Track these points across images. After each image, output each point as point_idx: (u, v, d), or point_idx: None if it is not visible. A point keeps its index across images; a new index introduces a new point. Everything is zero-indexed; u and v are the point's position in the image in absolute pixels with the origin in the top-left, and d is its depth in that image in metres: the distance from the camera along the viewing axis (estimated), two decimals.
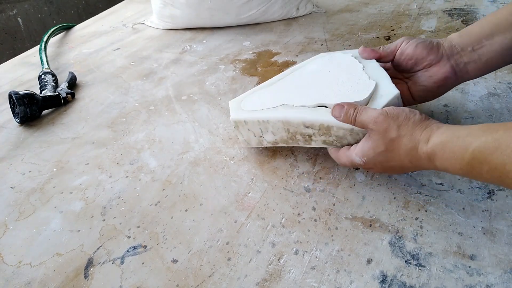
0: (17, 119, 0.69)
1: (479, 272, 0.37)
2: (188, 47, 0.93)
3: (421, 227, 0.42)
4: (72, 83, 0.79)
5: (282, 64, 0.79)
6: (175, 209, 0.49)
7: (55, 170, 0.57)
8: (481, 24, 0.47)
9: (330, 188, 0.49)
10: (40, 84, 0.77)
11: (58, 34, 1.09)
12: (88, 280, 0.41)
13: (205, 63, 0.84)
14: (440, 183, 0.47)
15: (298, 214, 0.46)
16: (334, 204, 0.46)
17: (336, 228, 0.44)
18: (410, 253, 0.40)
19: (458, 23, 0.86)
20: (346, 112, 0.43)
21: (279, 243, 0.43)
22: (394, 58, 0.51)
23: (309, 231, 0.44)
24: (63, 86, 0.76)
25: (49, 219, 0.49)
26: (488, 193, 0.45)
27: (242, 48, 0.89)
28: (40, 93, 0.74)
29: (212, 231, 0.45)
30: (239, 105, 0.53)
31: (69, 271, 0.42)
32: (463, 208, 0.44)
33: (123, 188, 0.53)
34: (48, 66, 0.84)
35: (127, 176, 0.55)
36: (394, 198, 0.46)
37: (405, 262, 0.39)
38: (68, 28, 1.12)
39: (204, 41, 0.95)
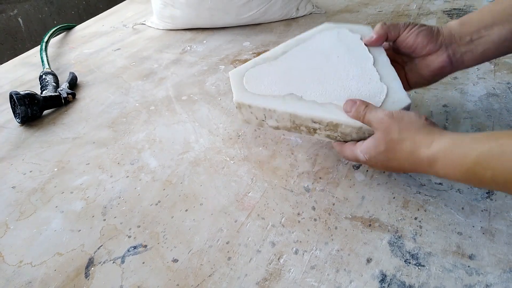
0: (18, 119, 0.69)
1: (478, 271, 0.38)
2: (188, 48, 0.93)
3: (420, 227, 0.43)
4: (73, 83, 0.80)
5: None
6: (175, 208, 0.49)
7: (56, 170, 0.58)
8: (481, 14, 0.47)
9: (330, 188, 0.49)
10: (40, 84, 0.78)
11: (58, 35, 1.09)
12: (88, 279, 0.41)
13: (205, 64, 0.84)
14: (440, 183, 0.47)
15: (298, 214, 0.46)
16: (333, 204, 0.47)
17: (336, 227, 0.44)
18: (409, 252, 0.40)
19: None
20: (357, 108, 0.44)
21: (279, 243, 0.43)
22: (396, 41, 0.50)
23: (309, 230, 0.44)
24: (64, 86, 0.76)
25: (50, 219, 0.49)
26: (487, 193, 0.45)
27: (242, 49, 0.89)
28: (41, 93, 0.74)
29: (212, 230, 0.45)
30: (241, 81, 0.52)
31: (69, 271, 0.42)
32: (463, 208, 0.44)
33: (124, 188, 0.53)
34: (49, 66, 0.85)
35: (128, 176, 0.55)
36: (394, 198, 0.46)
37: (404, 261, 0.39)
38: (69, 28, 1.13)
39: (204, 41, 0.96)
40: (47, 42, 0.96)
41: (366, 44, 0.51)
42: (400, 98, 0.46)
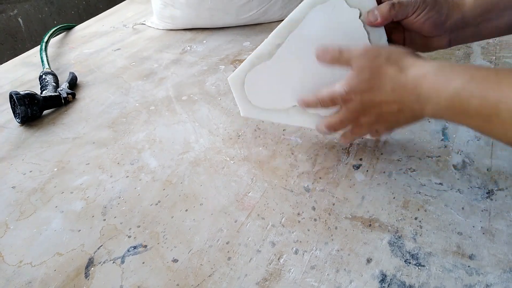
0: (18, 119, 0.69)
1: (479, 271, 0.38)
2: (188, 48, 0.93)
3: (420, 227, 0.43)
4: (73, 83, 0.79)
5: None
6: (175, 208, 0.49)
7: (55, 170, 0.58)
8: None
9: (330, 188, 0.49)
10: (40, 84, 0.78)
11: (58, 35, 1.09)
12: (88, 279, 0.41)
13: (205, 64, 0.84)
14: (440, 183, 0.47)
15: (298, 214, 0.46)
16: (333, 204, 0.46)
17: (336, 227, 0.44)
18: (409, 252, 0.40)
19: None
20: (331, 52, 0.43)
21: (279, 243, 0.43)
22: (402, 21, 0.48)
23: (309, 230, 0.44)
24: (64, 86, 0.76)
25: (50, 219, 0.49)
26: (487, 193, 0.45)
27: (242, 49, 0.89)
28: (41, 93, 0.74)
29: (212, 230, 0.45)
30: (243, 90, 0.53)
31: (69, 271, 0.42)
32: (463, 208, 0.44)
33: (124, 188, 0.53)
34: (49, 66, 0.84)
35: (128, 176, 0.55)
36: (394, 197, 0.46)
37: (404, 261, 0.39)
38: (69, 28, 1.13)
39: (204, 41, 0.96)
40: (47, 42, 0.96)
41: (366, 23, 0.47)
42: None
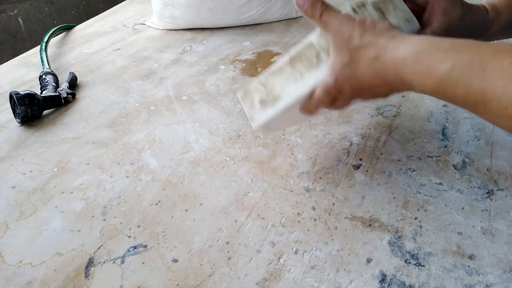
0: (18, 119, 0.69)
1: (479, 271, 0.38)
2: (188, 48, 0.93)
3: (420, 227, 0.43)
4: (73, 83, 0.79)
5: None
6: (175, 208, 0.49)
7: (55, 170, 0.58)
8: None
9: (330, 188, 0.49)
10: (40, 84, 0.78)
11: (58, 35, 1.09)
12: (88, 279, 0.41)
13: (205, 64, 0.84)
14: (440, 183, 0.47)
15: (298, 214, 0.46)
16: (333, 204, 0.46)
17: (336, 227, 0.44)
18: (409, 252, 0.40)
19: None
20: (312, 2, 0.38)
21: (279, 243, 0.43)
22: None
23: (309, 230, 0.44)
24: (64, 86, 0.76)
25: (49, 219, 0.49)
26: (487, 192, 0.45)
27: (242, 49, 0.89)
28: (41, 93, 0.74)
29: (212, 230, 0.45)
30: (265, 125, 0.47)
31: (69, 271, 0.42)
32: (463, 208, 0.44)
33: (124, 188, 0.53)
34: (49, 66, 0.84)
35: (128, 176, 0.55)
36: (394, 198, 0.46)
37: (404, 261, 0.39)
38: (69, 28, 1.13)
39: (204, 41, 0.96)
40: (47, 42, 0.96)
41: None
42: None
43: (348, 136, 0.57)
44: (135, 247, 0.44)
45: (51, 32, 1.02)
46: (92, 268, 0.42)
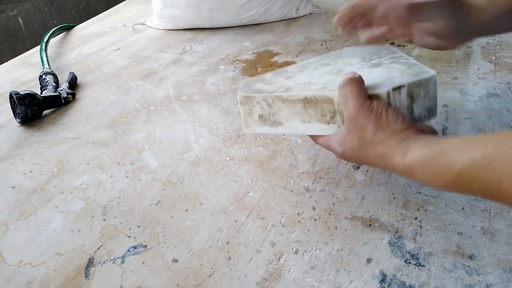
0: (18, 119, 0.69)
1: (479, 271, 0.38)
2: (188, 48, 0.93)
3: (420, 227, 0.43)
4: (73, 83, 0.80)
5: (282, 64, 0.80)
6: (175, 208, 0.49)
7: (55, 170, 0.58)
8: None
9: (330, 188, 0.49)
10: (40, 84, 0.78)
11: (58, 35, 1.09)
12: (88, 279, 0.41)
13: (205, 64, 0.84)
14: None
15: (298, 214, 0.46)
16: (333, 204, 0.46)
17: (336, 227, 0.44)
18: (409, 252, 0.40)
19: None
20: (347, 76, 0.39)
21: (279, 243, 0.43)
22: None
23: (309, 230, 0.44)
24: (64, 86, 0.76)
25: (49, 219, 0.49)
26: None
27: (242, 49, 0.89)
28: (41, 93, 0.74)
29: (212, 230, 0.45)
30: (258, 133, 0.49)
31: (69, 271, 0.42)
32: (463, 208, 0.44)
33: (124, 188, 0.53)
34: (49, 66, 0.85)
35: (128, 176, 0.55)
36: (394, 197, 0.46)
37: (404, 261, 0.39)
38: (69, 28, 1.13)
39: (204, 41, 0.96)
40: (47, 42, 0.96)
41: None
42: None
43: None
44: (135, 247, 0.44)
45: (51, 32, 1.02)
46: (92, 268, 0.42)
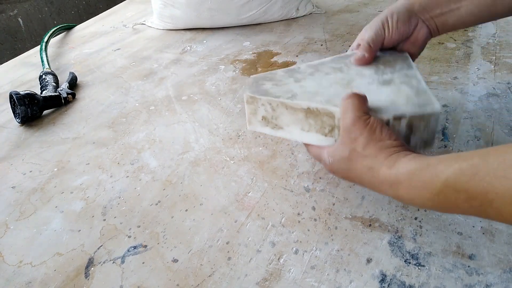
0: (18, 119, 0.69)
1: (479, 271, 0.38)
2: (188, 48, 0.93)
3: (420, 227, 0.43)
4: (73, 83, 0.80)
5: (282, 64, 0.80)
6: (175, 208, 0.49)
7: (55, 170, 0.58)
8: None
9: (330, 188, 0.49)
10: (40, 84, 0.78)
11: (58, 35, 1.09)
12: (88, 279, 0.41)
13: (205, 64, 0.84)
14: None
15: (298, 214, 0.46)
16: (333, 204, 0.46)
17: (336, 227, 0.44)
18: (409, 252, 0.40)
19: None
20: (348, 95, 0.40)
21: (279, 243, 0.43)
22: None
23: (309, 230, 0.44)
24: (64, 86, 0.76)
25: (49, 219, 0.49)
26: None
27: (242, 49, 0.89)
28: (41, 93, 0.74)
29: (212, 230, 0.45)
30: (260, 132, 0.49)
31: (69, 271, 0.42)
32: None
33: (124, 188, 0.53)
34: (49, 66, 0.85)
35: (128, 176, 0.55)
36: None
37: (404, 261, 0.39)
38: (69, 28, 1.13)
39: (204, 41, 0.96)
40: (47, 42, 0.96)
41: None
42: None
43: None
44: (135, 247, 0.44)
45: (51, 32, 1.02)
46: (92, 268, 0.42)
